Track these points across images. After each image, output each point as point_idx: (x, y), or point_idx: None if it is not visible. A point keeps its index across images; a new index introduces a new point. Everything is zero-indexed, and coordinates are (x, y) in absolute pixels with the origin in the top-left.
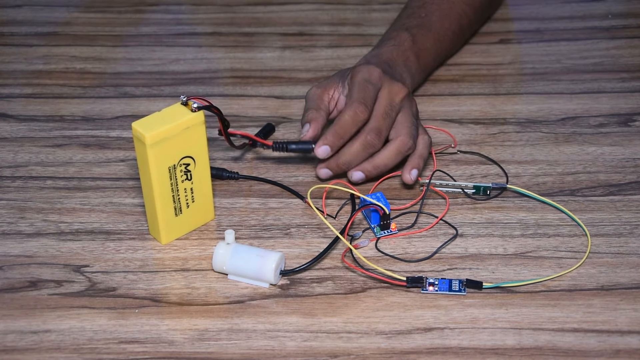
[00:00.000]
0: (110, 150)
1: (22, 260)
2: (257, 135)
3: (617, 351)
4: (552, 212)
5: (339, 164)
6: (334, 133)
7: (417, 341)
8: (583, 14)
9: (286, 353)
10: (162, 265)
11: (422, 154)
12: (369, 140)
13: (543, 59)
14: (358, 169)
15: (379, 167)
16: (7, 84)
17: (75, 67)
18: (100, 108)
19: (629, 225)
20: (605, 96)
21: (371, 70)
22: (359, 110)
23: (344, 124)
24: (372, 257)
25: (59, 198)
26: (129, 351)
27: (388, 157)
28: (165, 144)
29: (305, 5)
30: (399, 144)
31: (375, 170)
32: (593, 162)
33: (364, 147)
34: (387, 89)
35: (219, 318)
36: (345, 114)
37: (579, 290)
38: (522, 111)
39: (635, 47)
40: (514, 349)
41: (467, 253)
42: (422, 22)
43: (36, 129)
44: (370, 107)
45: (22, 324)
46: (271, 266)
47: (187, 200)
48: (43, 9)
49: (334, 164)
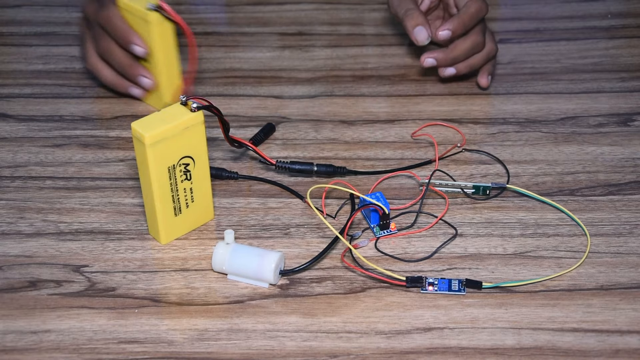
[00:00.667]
0: (109, 150)
1: (21, 260)
2: (257, 134)
3: (616, 351)
4: (552, 211)
5: (448, 57)
6: (460, 22)
7: (417, 341)
8: (582, 14)
9: (286, 353)
10: (161, 265)
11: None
12: (479, 41)
13: (542, 59)
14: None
15: (472, 67)
16: (7, 84)
17: (74, 67)
18: (100, 108)
19: (628, 225)
20: (605, 96)
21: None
22: (483, 7)
23: (471, 16)
24: (371, 257)
25: (58, 198)
26: (128, 351)
27: (480, 60)
28: (164, 144)
29: (304, 5)
30: (489, 50)
31: (466, 70)
32: (592, 161)
33: (472, 46)
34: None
35: (219, 318)
36: (472, 7)
37: (578, 290)
38: (522, 111)
39: (634, 47)
40: (514, 349)
41: (467, 253)
42: None
43: (35, 128)
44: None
45: (22, 324)
46: (271, 266)
47: (187, 200)
48: (42, 9)
49: (443, 56)
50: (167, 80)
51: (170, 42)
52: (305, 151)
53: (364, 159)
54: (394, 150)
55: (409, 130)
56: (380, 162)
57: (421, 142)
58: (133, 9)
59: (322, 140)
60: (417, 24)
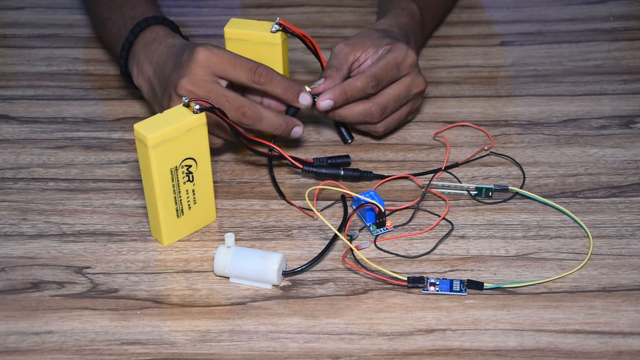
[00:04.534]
0: (112, 152)
1: (24, 262)
2: None
3: (619, 352)
4: (554, 213)
5: (335, 113)
6: (342, 92)
7: (419, 342)
8: (585, 16)
9: (288, 354)
10: (163, 267)
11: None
12: (372, 112)
13: (544, 61)
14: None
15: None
16: (10, 85)
17: (77, 69)
18: (102, 110)
19: (630, 226)
20: (607, 98)
21: (408, 54)
22: (371, 86)
23: (354, 89)
24: (373, 258)
25: (61, 199)
26: (130, 352)
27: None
28: (167, 145)
29: (307, 8)
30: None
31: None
32: (595, 163)
33: (364, 115)
34: (411, 77)
35: (221, 319)
36: (359, 82)
37: (580, 292)
38: (524, 113)
39: (636, 49)
40: (516, 351)
41: (469, 255)
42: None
43: (38, 130)
44: (381, 86)
45: (24, 325)
46: (274, 267)
47: (189, 202)
48: (45, 11)
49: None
50: None
51: (287, 59)
52: (308, 153)
53: (366, 161)
54: (396, 153)
55: (410, 133)
56: (382, 164)
57: (423, 145)
58: (253, 36)
59: (324, 142)
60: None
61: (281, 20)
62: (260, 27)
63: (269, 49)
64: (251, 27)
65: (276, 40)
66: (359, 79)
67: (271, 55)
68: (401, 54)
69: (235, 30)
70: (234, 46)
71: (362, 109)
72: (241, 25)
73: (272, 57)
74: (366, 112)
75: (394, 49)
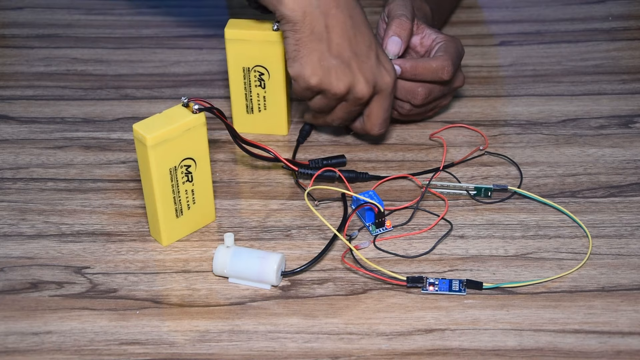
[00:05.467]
0: (111, 152)
1: (23, 262)
2: (298, 139)
3: (618, 352)
4: (553, 213)
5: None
6: (413, 67)
7: (418, 342)
8: (583, 16)
9: (287, 354)
10: (163, 267)
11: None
12: (417, 92)
13: (543, 61)
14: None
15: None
16: (9, 85)
17: (76, 69)
18: (101, 110)
19: (629, 226)
20: (606, 98)
21: (462, 49)
22: (447, 70)
23: (428, 69)
24: (372, 258)
25: (60, 200)
26: (130, 352)
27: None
28: (166, 145)
29: None
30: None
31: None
32: (594, 163)
33: (407, 93)
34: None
35: (220, 319)
36: (435, 63)
37: (579, 292)
38: (523, 113)
39: (635, 49)
40: (515, 350)
41: (468, 255)
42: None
43: (37, 130)
44: (455, 74)
45: (23, 325)
46: (273, 267)
47: (188, 202)
48: (44, 11)
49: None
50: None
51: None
52: (307, 153)
53: (365, 161)
54: (395, 152)
55: (410, 132)
56: (381, 164)
57: (422, 145)
58: (253, 36)
59: (323, 142)
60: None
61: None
62: (260, 27)
63: (271, 48)
64: (251, 27)
65: (277, 39)
66: (436, 60)
67: (272, 54)
68: (461, 47)
69: (235, 30)
70: (235, 47)
71: (408, 87)
72: (241, 25)
73: (273, 55)
74: (410, 91)
75: (455, 40)
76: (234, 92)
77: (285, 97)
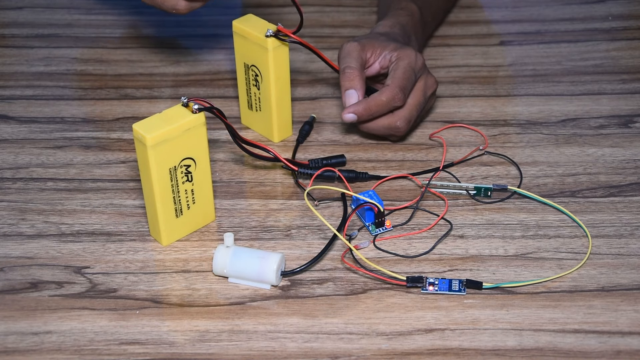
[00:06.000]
0: (111, 151)
1: (23, 262)
2: (298, 138)
3: (618, 352)
4: (553, 213)
5: (361, 126)
6: (367, 108)
7: (418, 342)
8: (583, 16)
9: (287, 354)
10: (162, 267)
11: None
12: (397, 126)
13: (543, 61)
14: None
15: (371, 131)
16: (8, 85)
17: (76, 69)
18: (101, 110)
19: (629, 226)
20: (606, 98)
21: (417, 58)
22: (398, 98)
23: (380, 105)
24: (371, 258)
25: (59, 199)
26: (129, 352)
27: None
28: (166, 145)
29: (306, 8)
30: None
31: (368, 117)
32: (593, 163)
33: (388, 129)
34: (424, 80)
35: (220, 319)
36: (384, 96)
37: (579, 291)
38: (523, 113)
39: (635, 49)
40: (515, 350)
41: (468, 254)
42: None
43: (37, 130)
44: (407, 96)
45: (23, 325)
46: (272, 267)
47: (188, 202)
48: (44, 11)
49: (357, 124)
50: (278, 107)
51: (285, 68)
52: (307, 153)
53: (365, 161)
54: (395, 152)
55: (410, 132)
56: (381, 164)
57: (422, 145)
58: (251, 36)
59: (323, 142)
60: (350, 86)
61: (279, 27)
62: (261, 29)
63: (262, 52)
64: (254, 27)
65: (267, 45)
66: (384, 92)
67: (263, 59)
68: (412, 58)
69: (241, 25)
70: (239, 41)
71: (387, 124)
72: (249, 22)
73: (263, 60)
74: (391, 128)
75: (404, 55)
76: (240, 86)
77: (275, 105)
